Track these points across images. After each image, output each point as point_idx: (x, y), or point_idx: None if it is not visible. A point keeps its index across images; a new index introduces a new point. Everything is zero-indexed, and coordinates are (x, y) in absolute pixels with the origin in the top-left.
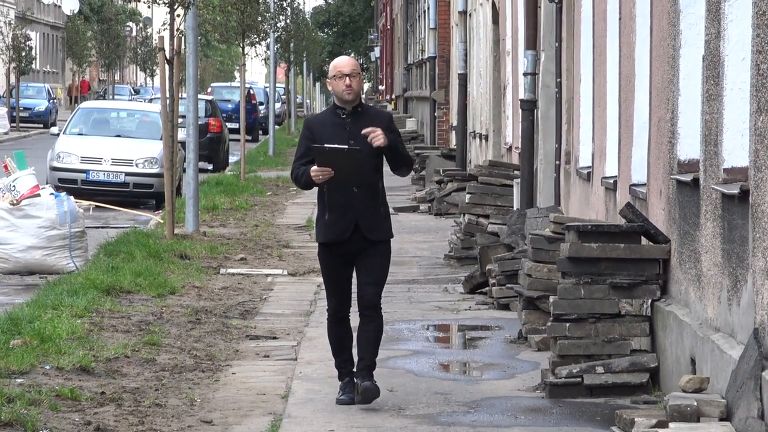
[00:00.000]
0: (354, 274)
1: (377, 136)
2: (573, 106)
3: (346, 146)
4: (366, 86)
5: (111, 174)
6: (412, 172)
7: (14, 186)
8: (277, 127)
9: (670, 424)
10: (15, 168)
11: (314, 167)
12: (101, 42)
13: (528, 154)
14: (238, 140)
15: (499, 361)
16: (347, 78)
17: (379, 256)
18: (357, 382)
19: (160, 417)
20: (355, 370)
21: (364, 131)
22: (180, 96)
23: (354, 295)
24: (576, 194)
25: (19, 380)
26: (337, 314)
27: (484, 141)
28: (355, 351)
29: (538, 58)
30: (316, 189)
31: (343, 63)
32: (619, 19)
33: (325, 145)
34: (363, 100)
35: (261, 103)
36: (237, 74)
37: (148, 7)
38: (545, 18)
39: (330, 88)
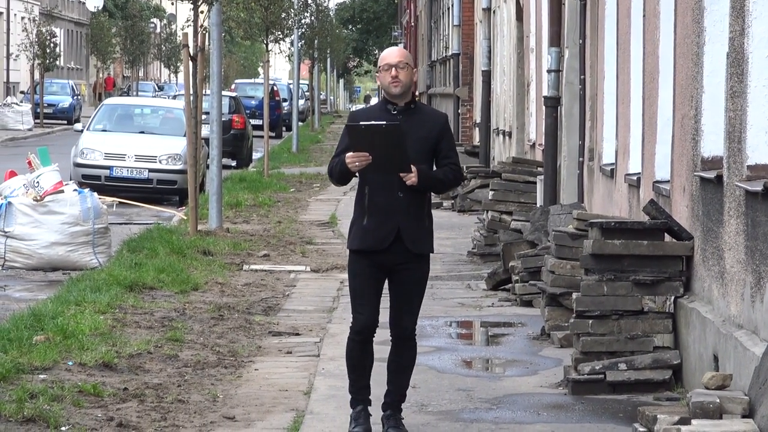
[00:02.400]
0: (383, 288)
1: (408, 177)
2: (597, 103)
3: (385, 122)
4: None
5: (134, 170)
6: None
7: (38, 182)
8: (300, 123)
9: (693, 421)
10: (39, 164)
11: (349, 153)
12: (125, 38)
13: (551, 150)
14: (262, 137)
15: (522, 357)
16: (393, 69)
17: (419, 278)
18: (383, 424)
19: (183, 413)
20: (383, 402)
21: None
22: (204, 92)
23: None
24: (599, 191)
25: (41, 376)
26: (364, 332)
27: (507, 138)
28: (375, 377)
29: (562, 55)
30: (353, 192)
31: (389, 54)
32: (643, 16)
33: (361, 123)
34: (416, 97)
35: (285, 100)
36: (261, 71)
37: (172, 3)
38: (569, 15)
39: (378, 83)
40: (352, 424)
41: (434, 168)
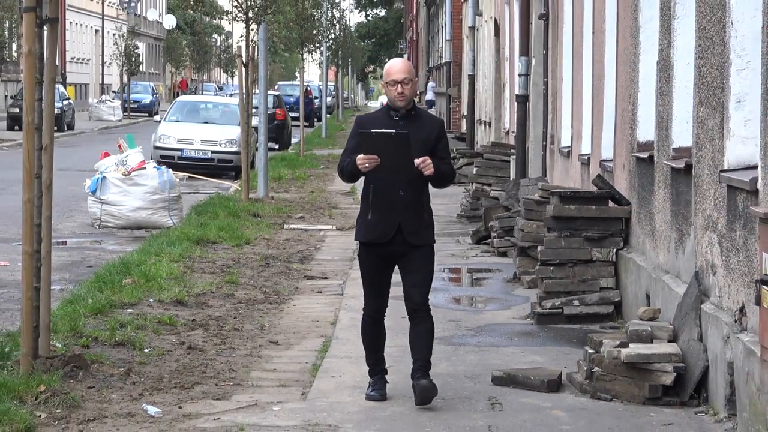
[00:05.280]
0: (391, 276)
1: (427, 166)
2: (557, 99)
3: (394, 131)
4: None
5: (200, 152)
6: None
7: (126, 161)
8: (328, 115)
9: (630, 345)
10: (126, 147)
11: (360, 155)
12: (193, 50)
13: (521, 136)
14: (298, 126)
15: (499, 296)
16: (399, 85)
17: (423, 258)
18: (413, 382)
19: (238, 338)
20: (412, 372)
21: (416, 161)
22: (253, 92)
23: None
24: (558, 168)
25: (129, 310)
26: (375, 315)
27: (487, 126)
28: (388, 350)
29: (530, 62)
30: (361, 187)
31: (395, 69)
32: (593, 32)
33: (372, 130)
34: (416, 103)
35: (316, 97)
36: (297, 75)
37: (229, 23)
38: (535, 31)
39: (383, 91)
40: (369, 388)
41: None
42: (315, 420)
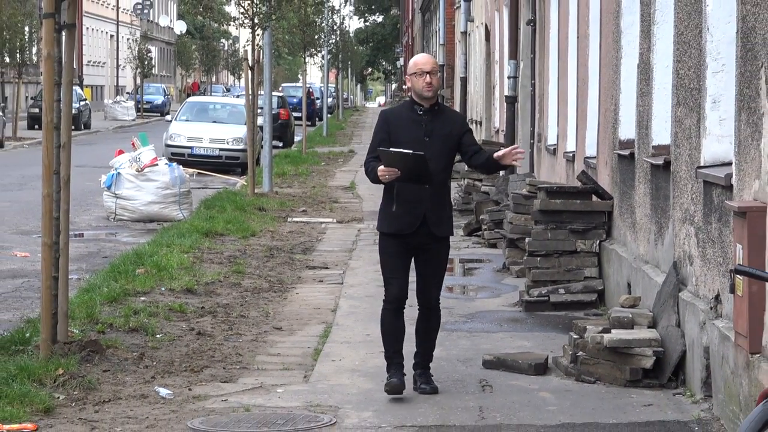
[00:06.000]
0: (410, 264)
1: (520, 155)
2: (543, 100)
3: (411, 151)
4: (394, 86)
5: (209, 149)
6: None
7: (139, 158)
8: (329, 115)
9: (612, 330)
10: (139, 145)
11: (381, 167)
12: (202, 54)
13: (510, 135)
14: (301, 125)
15: (489, 284)
16: (428, 75)
17: (442, 256)
18: (417, 379)
19: (244, 324)
20: (414, 362)
21: (505, 150)
22: (259, 93)
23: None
24: (545, 164)
25: (142, 298)
26: (395, 302)
27: (479, 125)
28: (407, 343)
29: (518, 65)
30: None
31: (423, 61)
32: (577, 37)
33: (390, 149)
34: (438, 99)
35: (317, 98)
36: (300, 77)
37: (236, 28)
38: (523, 36)
39: (408, 84)
40: (388, 377)
41: (452, 163)
42: (316, 401)
